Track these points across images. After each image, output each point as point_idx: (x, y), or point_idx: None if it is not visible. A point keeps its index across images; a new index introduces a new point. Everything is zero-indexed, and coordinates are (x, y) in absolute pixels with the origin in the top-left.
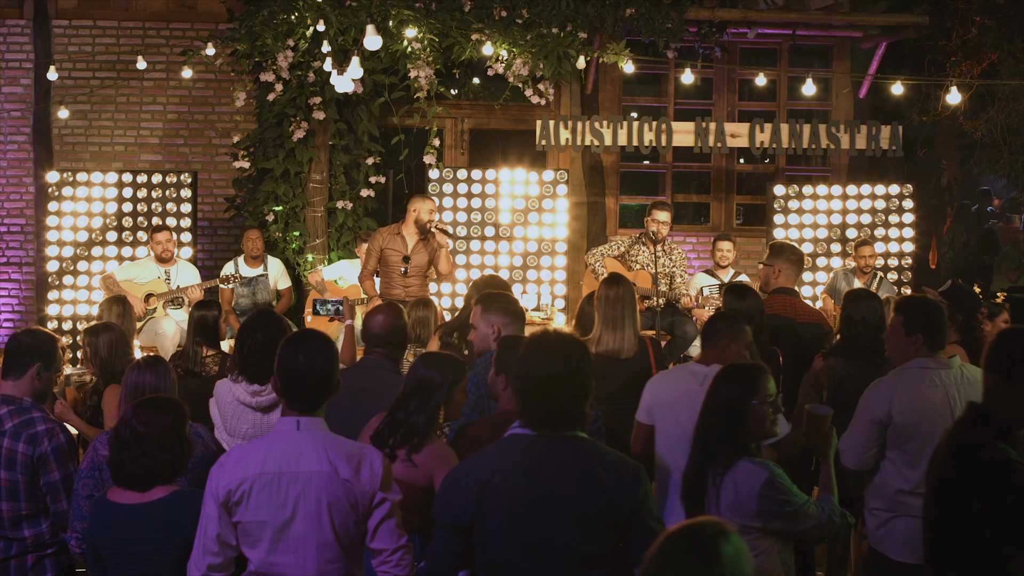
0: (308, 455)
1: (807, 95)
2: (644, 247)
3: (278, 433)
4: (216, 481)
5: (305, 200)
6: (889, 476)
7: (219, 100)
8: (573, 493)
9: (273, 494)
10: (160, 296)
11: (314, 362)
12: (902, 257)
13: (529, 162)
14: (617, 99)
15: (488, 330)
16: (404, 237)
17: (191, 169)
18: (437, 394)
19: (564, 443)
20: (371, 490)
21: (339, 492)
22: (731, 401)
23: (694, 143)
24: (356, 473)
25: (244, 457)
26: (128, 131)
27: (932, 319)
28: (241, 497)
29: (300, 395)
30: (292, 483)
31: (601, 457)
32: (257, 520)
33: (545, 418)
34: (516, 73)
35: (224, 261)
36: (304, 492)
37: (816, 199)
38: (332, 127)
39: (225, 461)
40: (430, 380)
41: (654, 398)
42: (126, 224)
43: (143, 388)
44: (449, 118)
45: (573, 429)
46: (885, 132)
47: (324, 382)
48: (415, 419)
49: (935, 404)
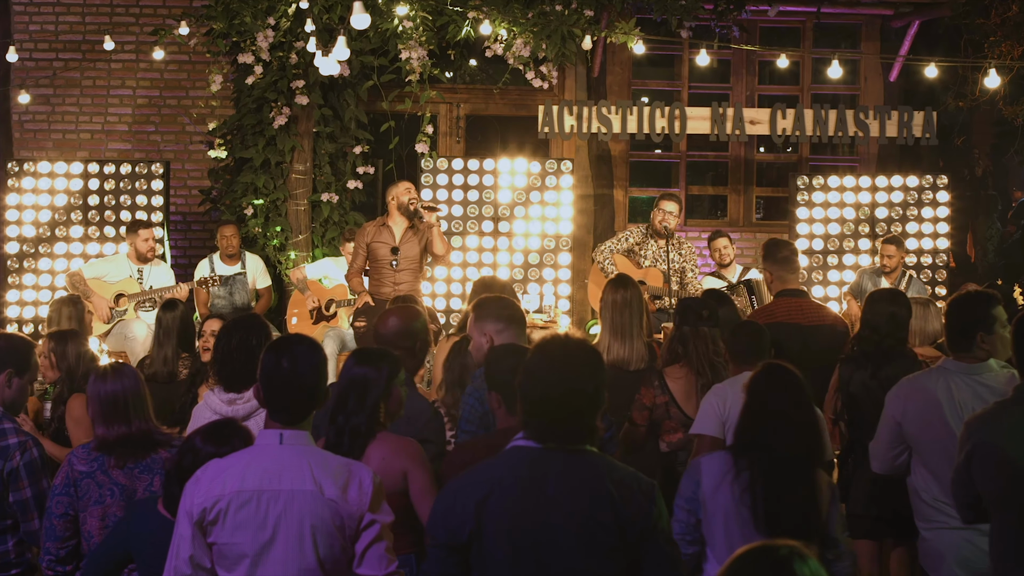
0: (291, 472)
1: (833, 78)
2: (652, 241)
3: (259, 447)
4: (190, 498)
5: (287, 192)
6: (917, 482)
7: (193, 84)
8: (581, 511)
9: (252, 514)
10: (132, 297)
11: (299, 369)
12: (936, 254)
13: (530, 151)
14: (626, 83)
15: (481, 339)
16: (391, 228)
17: (163, 159)
18: (374, 391)
19: (572, 457)
20: (359, 511)
21: (324, 513)
22: None
23: (710, 130)
24: (343, 492)
25: (221, 472)
26: (94, 117)
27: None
28: (217, 516)
29: (284, 405)
30: (273, 502)
31: (612, 473)
32: (234, 542)
33: (552, 430)
34: (516, 54)
35: (198, 258)
36: (286, 512)
37: (843, 191)
38: (316, 113)
39: (200, 476)
40: (364, 377)
41: (736, 408)
42: (92, 219)
43: (108, 398)
44: (443, 103)
45: (582, 442)
46: (918, 118)
47: (310, 391)
48: (355, 420)
49: (940, 411)
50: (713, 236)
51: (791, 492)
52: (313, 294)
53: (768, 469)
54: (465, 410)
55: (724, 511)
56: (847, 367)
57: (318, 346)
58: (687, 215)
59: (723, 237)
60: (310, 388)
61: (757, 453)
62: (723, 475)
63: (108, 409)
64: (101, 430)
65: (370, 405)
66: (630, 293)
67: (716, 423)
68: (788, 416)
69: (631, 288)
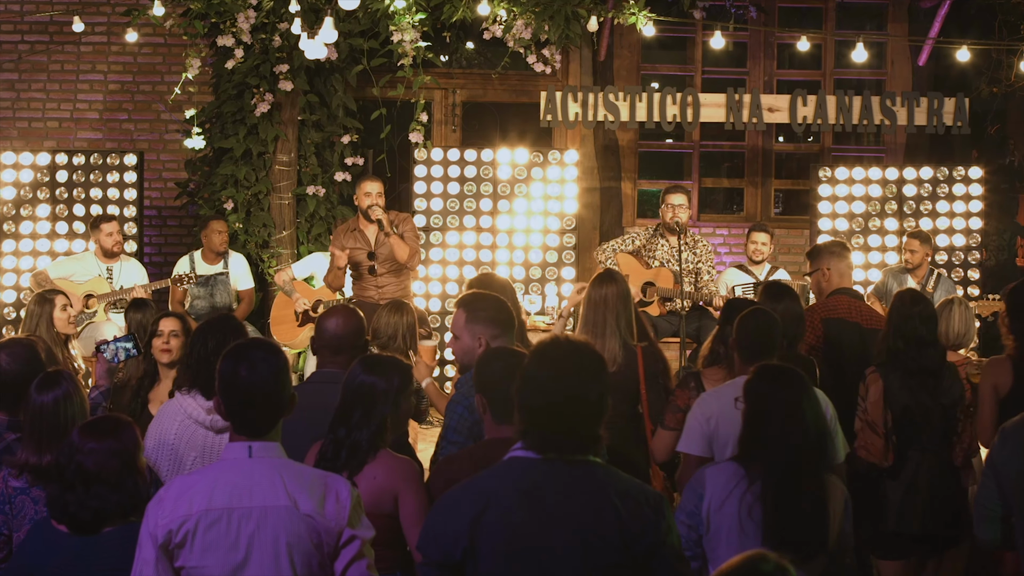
0: (262, 487)
1: (857, 62)
2: (664, 240)
3: (227, 461)
4: (154, 519)
5: (269, 185)
6: None
7: (169, 68)
8: (583, 526)
9: (222, 534)
10: (102, 297)
11: (258, 376)
12: (968, 251)
13: (532, 141)
14: (635, 67)
15: (473, 343)
16: (364, 233)
17: (136, 149)
18: (382, 404)
19: (574, 469)
20: (338, 526)
21: (300, 529)
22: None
23: (725, 118)
24: (320, 506)
25: (187, 490)
26: (63, 104)
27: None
28: (184, 538)
29: (248, 416)
30: (244, 520)
31: (617, 485)
32: (204, 564)
33: (553, 440)
34: (517, 36)
35: (174, 256)
36: (259, 530)
37: (868, 184)
38: (301, 100)
39: (164, 495)
40: (372, 387)
41: (724, 423)
42: (60, 213)
43: (43, 411)
44: (439, 89)
45: (585, 453)
46: (948, 105)
47: (272, 399)
48: (357, 435)
49: None
50: (755, 227)
51: (799, 501)
52: (302, 297)
53: (779, 478)
54: (452, 419)
55: (729, 525)
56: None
57: (277, 349)
58: (700, 209)
59: (764, 232)
60: (273, 396)
61: (767, 461)
62: (731, 488)
63: (39, 422)
64: (31, 456)
65: (376, 419)
66: (608, 289)
67: (701, 440)
68: (792, 419)
69: (612, 284)
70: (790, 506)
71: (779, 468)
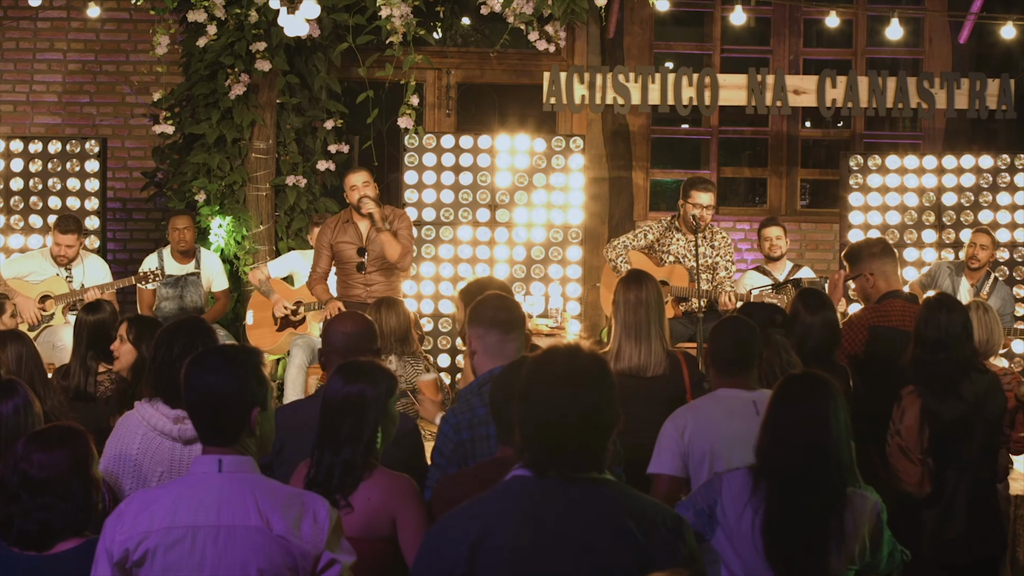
0: (232, 504)
1: (892, 40)
2: (680, 234)
3: (194, 476)
4: (111, 535)
5: (245, 175)
6: None
7: (135, 47)
8: (593, 551)
9: (185, 554)
10: (60, 299)
11: (221, 381)
12: (1014, 248)
13: (534, 126)
14: (647, 45)
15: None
16: (356, 225)
17: (99, 135)
18: (372, 414)
19: (582, 488)
20: (315, 549)
21: (273, 552)
22: None
23: (746, 101)
24: (295, 527)
25: (149, 505)
26: (18, 86)
27: None
28: (143, 557)
29: (217, 426)
30: (211, 540)
31: (630, 505)
32: None
33: (554, 458)
34: (517, 12)
35: (140, 253)
36: (226, 552)
37: (904, 173)
38: (280, 81)
39: (125, 509)
40: (361, 397)
41: (700, 438)
42: (14, 206)
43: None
44: (431, 69)
45: (590, 471)
46: (992, 87)
47: (239, 406)
48: (348, 454)
49: None
50: (765, 223)
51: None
52: (281, 298)
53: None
54: (438, 439)
55: (742, 536)
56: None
57: (246, 352)
58: (719, 202)
59: (776, 226)
60: (237, 403)
61: (779, 476)
62: (745, 499)
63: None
64: None
65: (368, 432)
66: (646, 290)
67: (674, 459)
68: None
69: (648, 284)
70: (791, 527)
71: (786, 485)
